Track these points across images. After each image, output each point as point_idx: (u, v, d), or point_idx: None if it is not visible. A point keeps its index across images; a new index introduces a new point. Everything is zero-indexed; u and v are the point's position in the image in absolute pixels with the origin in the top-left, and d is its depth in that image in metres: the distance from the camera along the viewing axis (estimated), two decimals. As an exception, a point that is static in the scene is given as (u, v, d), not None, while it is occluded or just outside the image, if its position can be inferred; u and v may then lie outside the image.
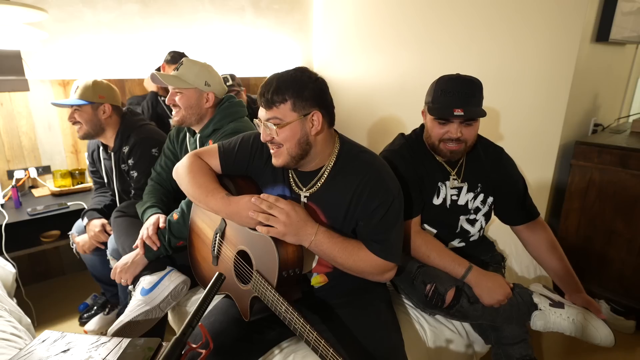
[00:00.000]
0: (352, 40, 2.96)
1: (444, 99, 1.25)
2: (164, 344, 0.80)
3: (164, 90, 2.27)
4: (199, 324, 0.70)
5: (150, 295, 1.34)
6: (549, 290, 1.35)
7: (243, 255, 1.15)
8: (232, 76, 2.48)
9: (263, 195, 1.07)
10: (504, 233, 1.58)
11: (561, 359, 1.71)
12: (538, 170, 2.13)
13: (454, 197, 1.39)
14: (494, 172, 1.42)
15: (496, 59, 2.18)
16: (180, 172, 1.21)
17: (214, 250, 1.25)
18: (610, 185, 1.92)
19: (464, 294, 1.18)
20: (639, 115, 2.47)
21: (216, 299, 1.25)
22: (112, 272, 1.42)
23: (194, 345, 0.71)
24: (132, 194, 1.74)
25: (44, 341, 0.85)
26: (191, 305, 1.51)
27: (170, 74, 1.51)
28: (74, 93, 1.68)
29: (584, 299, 1.35)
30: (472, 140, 1.32)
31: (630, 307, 1.92)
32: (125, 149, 1.73)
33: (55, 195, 2.13)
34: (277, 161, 1.08)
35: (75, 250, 1.88)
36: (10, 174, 2.14)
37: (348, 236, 1.11)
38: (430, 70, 2.51)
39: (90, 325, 1.91)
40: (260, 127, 1.08)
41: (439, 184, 1.38)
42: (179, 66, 1.52)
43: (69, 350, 0.82)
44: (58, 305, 2.12)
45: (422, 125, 1.43)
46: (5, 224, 1.76)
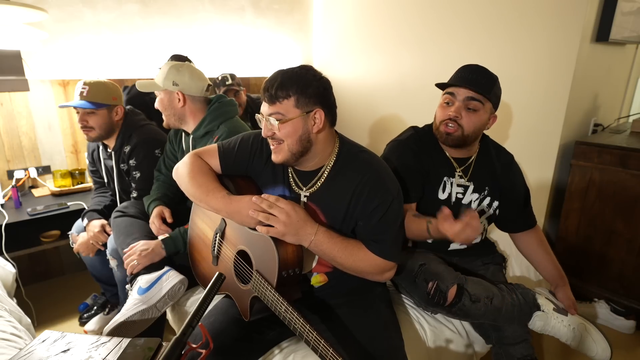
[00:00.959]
0: (352, 40, 2.96)
1: (455, 76, 1.32)
2: (164, 344, 0.80)
3: None
4: (199, 323, 0.70)
5: (147, 295, 1.34)
6: (554, 296, 1.37)
7: (243, 255, 1.15)
8: (232, 76, 2.48)
9: (264, 195, 1.08)
10: (505, 234, 1.59)
11: (561, 359, 1.72)
12: (538, 170, 2.13)
13: (459, 195, 1.40)
14: (503, 178, 1.43)
15: (496, 59, 2.18)
16: (181, 172, 1.21)
17: (214, 250, 1.25)
18: (610, 185, 1.92)
19: (466, 292, 1.18)
20: (639, 115, 2.47)
21: (216, 299, 1.25)
22: (128, 253, 1.42)
23: (194, 345, 0.71)
24: (135, 195, 1.73)
25: (44, 341, 0.85)
26: (191, 305, 1.51)
27: (146, 81, 1.57)
28: (84, 95, 1.64)
29: (565, 294, 1.38)
30: (471, 130, 1.30)
31: (630, 307, 1.92)
32: (127, 149, 1.73)
33: (55, 195, 2.13)
34: (277, 157, 1.08)
35: (75, 250, 1.87)
36: (10, 174, 2.14)
37: (347, 236, 1.11)
38: (430, 70, 2.51)
39: (90, 325, 1.91)
40: (262, 122, 1.08)
41: (445, 178, 1.38)
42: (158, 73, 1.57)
43: (69, 350, 0.82)
44: (58, 305, 2.12)
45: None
46: (5, 224, 1.76)
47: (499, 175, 1.43)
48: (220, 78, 2.47)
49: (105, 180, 1.89)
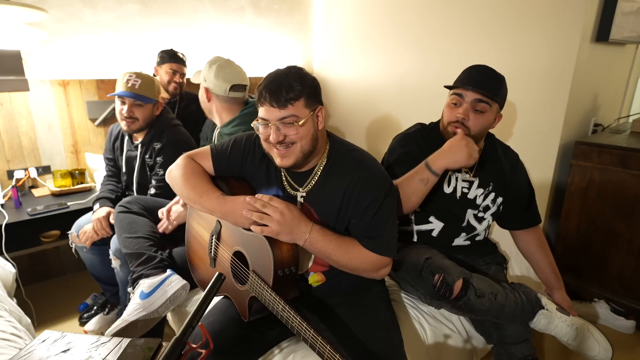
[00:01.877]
0: (352, 40, 2.96)
1: (462, 78, 1.33)
2: (164, 344, 0.80)
3: (176, 92, 2.34)
4: (199, 324, 0.70)
5: (148, 300, 1.34)
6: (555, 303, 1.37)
7: (239, 256, 1.15)
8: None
9: (257, 194, 1.08)
10: (506, 235, 1.59)
11: (562, 359, 1.72)
12: (538, 170, 2.13)
13: (465, 190, 1.41)
14: (509, 175, 1.45)
15: (496, 59, 2.18)
16: (174, 175, 1.21)
17: (211, 252, 1.25)
18: (610, 185, 1.92)
19: (471, 286, 1.18)
20: (639, 115, 2.47)
21: (216, 299, 1.25)
22: (163, 215, 1.56)
23: (194, 345, 0.71)
24: (153, 192, 1.75)
25: (44, 341, 0.85)
26: (191, 306, 1.51)
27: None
28: (135, 87, 1.68)
29: (562, 296, 1.41)
30: (477, 130, 1.32)
31: (630, 307, 1.92)
32: (157, 145, 1.75)
33: (55, 195, 2.13)
34: (288, 161, 1.06)
35: (74, 250, 1.88)
36: (10, 174, 2.14)
37: (342, 234, 1.11)
38: (430, 70, 2.51)
39: (90, 325, 1.91)
40: (264, 128, 1.05)
41: (450, 172, 1.40)
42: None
43: (69, 350, 0.82)
44: (58, 305, 2.12)
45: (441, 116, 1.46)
46: (5, 224, 1.76)
47: (506, 173, 1.45)
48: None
49: (124, 170, 1.88)
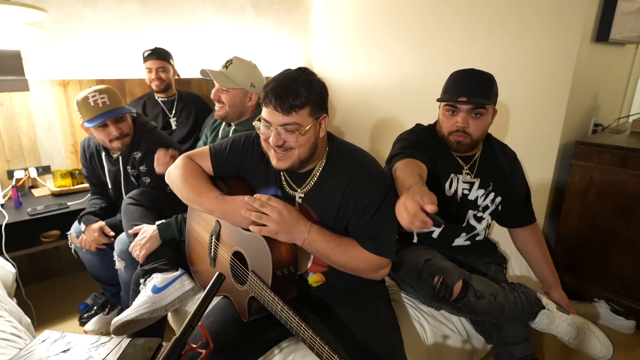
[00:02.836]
0: (352, 40, 2.96)
1: (453, 88, 1.32)
2: (164, 344, 0.80)
3: (162, 88, 2.30)
4: (199, 324, 0.70)
5: (160, 295, 1.35)
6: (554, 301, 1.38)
7: (239, 256, 1.15)
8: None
9: (256, 194, 1.08)
10: (506, 235, 1.59)
11: (562, 359, 1.72)
12: (538, 170, 2.13)
13: (465, 192, 1.41)
14: (508, 174, 1.46)
15: (496, 59, 2.18)
16: (173, 175, 1.21)
17: (211, 252, 1.25)
18: (610, 185, 1.92)
19: (471, 287, 1.18)
20: (639, 115, 2.47)
21: (215, 299, 1.25)
22: (131, 248, 1.48)
23: (194, 345, 0.71)
24: None
25: (44, 341, 0.85)
26: (191, 305, 1.51)
27: (219, 71, 1.57)
28: (107, 104, 1.57)
29: (560, 294, 1.41)
30: (479, 134, 1.34)
31: (630, 307, 1.92)
32: (137, 154, 1.71)
33: (55, 195, 2.13)
34: (284, 164, 1.06)
35: (73, 250, 1.88)
36: (10, 174, 2.14)
37: (341, 234, 1.11)
38: (431, 70, 2.51)
39: (90, 325, 1.90)
40: (265, 129, 1.05)
41: (452, 175, 1.40)
42: (228, 65, 1.57)
43: (69, 350, 0.82)
44: (58, 305, 2.12)
45: (437, 121, 1.46)
46: (5, 224, 1.76)
47: (505, 172, 1.45)
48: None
49: (110, 185, 1.84)
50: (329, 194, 1.10)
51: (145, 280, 1.40)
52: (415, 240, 1.46)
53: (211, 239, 1.24)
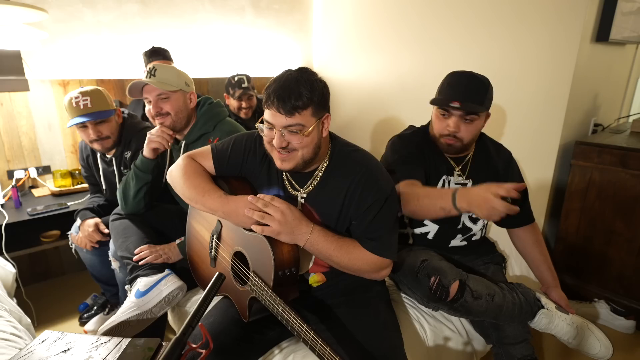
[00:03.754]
0: (352, 40, 2.96)
1: (447, 91, 1.30)
2: (164, 344, 0.81)
3: None
4: (199, 324, 0.70)
5: (143, 299, 1.33)
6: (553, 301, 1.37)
7: (240, 256, 1.15)
8: (248, 78, 2.42)
9: (260, 194, 1.08)
10: (505, 234, 1.59)
11: (561, 359, 1.72)
12: (538, 170, 2.13)
13: None
14: (503, 174, 1.45)
15: (496, 59, 2.18)
16: (175, 175, 1.21)
17: (212, 252, 1.25)
18: (610, 185, 1.92)
19: (468, 288, 1.18)
20: (639, 115, 2.47)
21: (216, 299, 1.25)
22: (143, 253, 1.44)
23: (194, 345, 0.71)
24: None
25: (44, 341, 0.85)
26: (191, 305, 1.51)
27: (150, 80, 1.43)
28: (88, 106, 1.58)
29: (559, 294, 1.40)
30: (470, 139, 1.34)
31: (630, 307, 1.92)
32: (128, 154, 1.71)
33: (55, 195, 2.13)
34: (288, 165, 1.06)
35: (74, 250, 1.87)
36: (10, 174, 2.14)
37: (343, 235, 1.11)
38: (431, 70, 2.51)
39: (90, 325, 1.90)
40: (268, 131, 1.04)
41: (444, 177, 1.39)
42: (153, 72, 1.44)
43: (69, 350, 0.82)
44: (58, 305, 2.12)
45: (430, 122, 1.45)
46: (5, 224, 1.76)
47: (499, 172, 1.44)
48: (236, 79, 2.38)
49: (104, 187, 1.85)
50: (331, 195, 1.10)
51: (130, 285, 1.40)
52: (411, 242, 1.45)
53: (212, 239, 1.24)
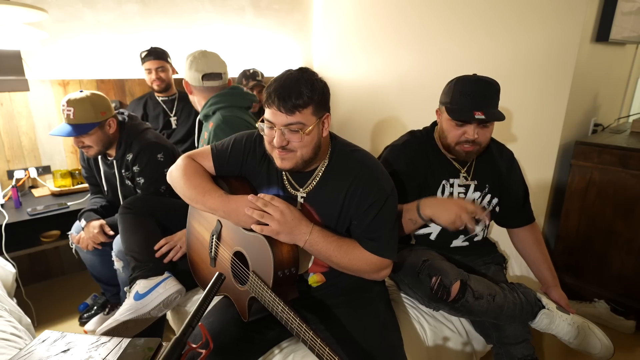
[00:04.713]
0: (352, 40, 2.96)
1: (464, 101, 1.26)
2: (164, 344, 0.80)
3: (162, 88, 2.32)
4: (199, 323, 0.70)
5: (142, 302, 1.33)
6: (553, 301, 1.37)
7: (239, 256, 1.15)
8: (262, 73, 2.54)
9: (260, 194, 1.08)
10: (505, 234, 1.59)
11: (561, 359, 1.72)
12: (538, 170, 2.13)
13: (461, 195, 1.40)
14: (506, 175, 1.45)
15: (496, 59, 2.18)
16: (175, 175, 1.20)
17: (211, 252, 1.25)
18: (610, 185, 1.92)
19: (469, 288, 1.18)
20: (639, 115, 2.47)
21: (215, 299, 1.25)
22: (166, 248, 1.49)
23: (194, 345, 0.71)
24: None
25: (44, 341, 0.85)
26: (191, 305, 1.51)
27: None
28: (70, 117, 1.57)
29: (559, 294, 1.40)
30: (487, 142, 1.34)
31: (630, 307, 1.92)
32: (129, 157, 1.70)
33: (55, 195, 2.13)
34: (288, 164, 1.06)
35: (74, 250, 1.87)
36: (10, 174, 2.14)
37: (342, 235, 1.11)
38: (431, 70, 2.51)
39: (90, 325, 1.90)
40: (269, 130, 1.04)
41: (444, 182, 1.39)
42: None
43: (69, 350, 0.82)
44: (58, 305, 2.12)
45: (434, 124, 1.44)
46: (5, 224, 1.76)
47: (502, 173, 1.44)
48: (251, 71, 2.52)
49: (105, 188, 1.85)
50: (331, 195, 1.10)
51: (130, 287, 1.40)
52: (413, 242, 1.46)
53: (212, 239, 1.24)
